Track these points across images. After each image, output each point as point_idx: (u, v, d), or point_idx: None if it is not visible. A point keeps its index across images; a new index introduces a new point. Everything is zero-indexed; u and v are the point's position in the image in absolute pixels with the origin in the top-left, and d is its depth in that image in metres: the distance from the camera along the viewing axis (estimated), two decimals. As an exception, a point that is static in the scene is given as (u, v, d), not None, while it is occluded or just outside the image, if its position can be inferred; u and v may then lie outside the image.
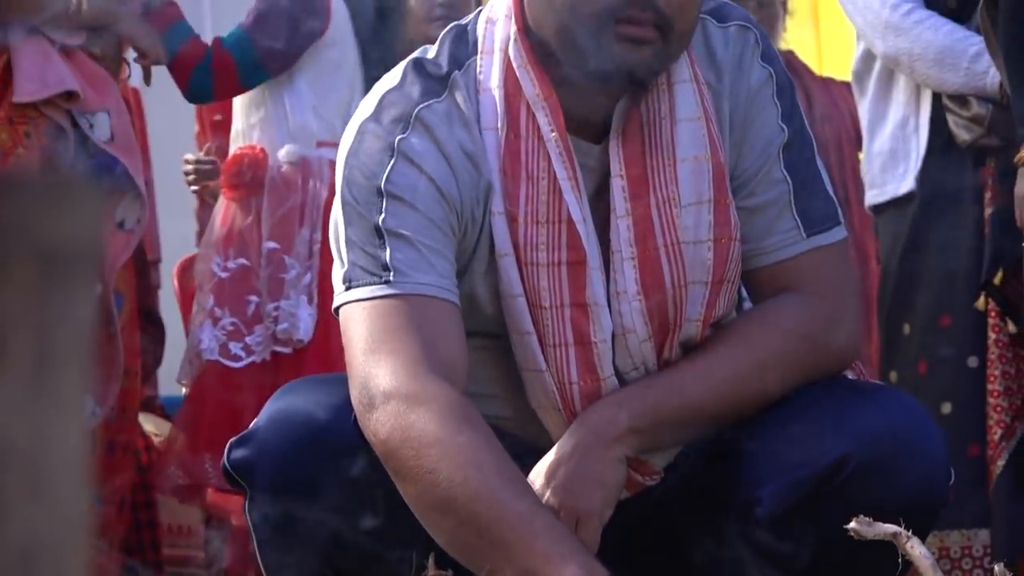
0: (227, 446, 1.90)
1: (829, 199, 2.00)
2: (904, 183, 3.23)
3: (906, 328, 3.21)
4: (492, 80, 1.89)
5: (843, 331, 1.96)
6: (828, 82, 4.51)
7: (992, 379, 3.07)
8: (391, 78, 1.92)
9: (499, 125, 1.88)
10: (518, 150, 1.87)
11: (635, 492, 1.96)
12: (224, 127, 4.20)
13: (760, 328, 1.95)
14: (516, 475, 1.73)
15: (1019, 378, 3.04)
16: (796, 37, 4.48)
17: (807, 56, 4.67)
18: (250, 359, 3.48)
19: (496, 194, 1.87)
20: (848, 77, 3.55)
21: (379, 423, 1.74)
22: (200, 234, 4.13)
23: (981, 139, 3.07)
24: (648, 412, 1.87)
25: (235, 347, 3.48)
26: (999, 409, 3.06)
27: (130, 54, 3.29)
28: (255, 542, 1.90)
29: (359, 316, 1.82)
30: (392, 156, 1.85)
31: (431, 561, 1.74)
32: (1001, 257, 3.04)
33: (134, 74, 3.51)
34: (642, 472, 1.93)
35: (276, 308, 3.46)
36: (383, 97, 1.90)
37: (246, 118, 3.66)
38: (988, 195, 3.10)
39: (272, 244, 3.47)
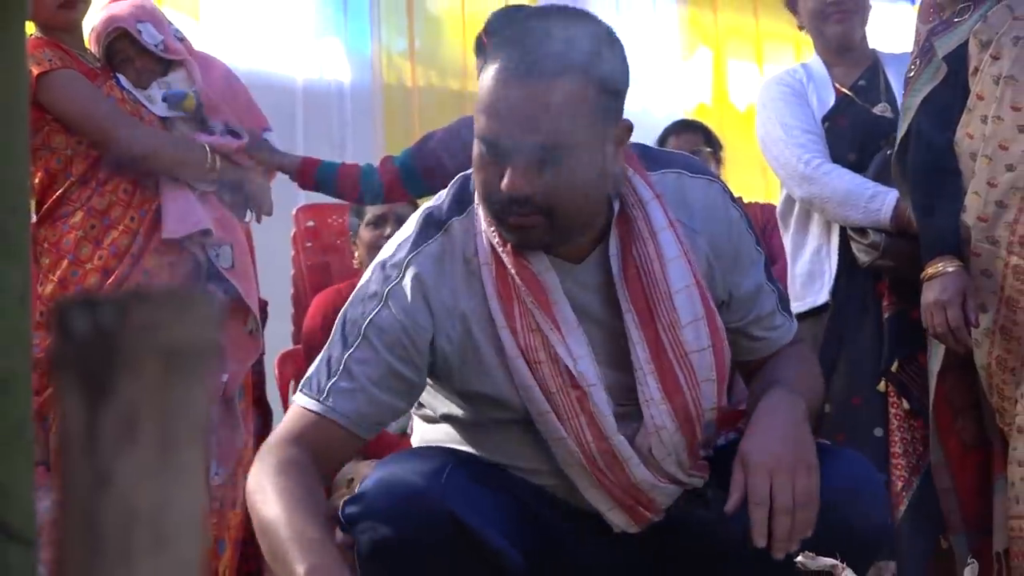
0: (342, 503, 1.84)
1: (782, 285, 2.01)
2: (820, 296, 3.20)
3: (826, 407, 3.18)
4: (482, 224, 1.83)
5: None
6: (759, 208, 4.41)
7: (893, 444, 3.04)
8: (407, 227, 1.88)
9: (490, 260, 1.82)
10: (506, 276, 1.81)
11: (643, 526, 1.90)
12: (315, 251, 4.17)
13: (800, 361, 2.00)
14: (304, 506, 1.66)
15: (914, 443, 3.02)
16: (749, 182, 4.45)
17: (757, 196, 4.63)
18: None
19: (497, 313, 1.81)
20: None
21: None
22: (295, 334, 4.09)
23: (877, 261, 3.06)
24: (806, 399, 1.88)
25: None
26: (899, 467, 3.03)
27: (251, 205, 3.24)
28: None
29: (290, 414, 1.83)
30: (380, 301, 1.81)
31: None
32: (897, 350, 3.02)
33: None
34: (650, 510, 1.87)
35: None
36: (398, 246, 1.86)
37: None
38: (885, 303, 3.09)
39: None
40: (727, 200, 1.90)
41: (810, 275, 3.22)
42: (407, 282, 1.81)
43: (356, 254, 3.95)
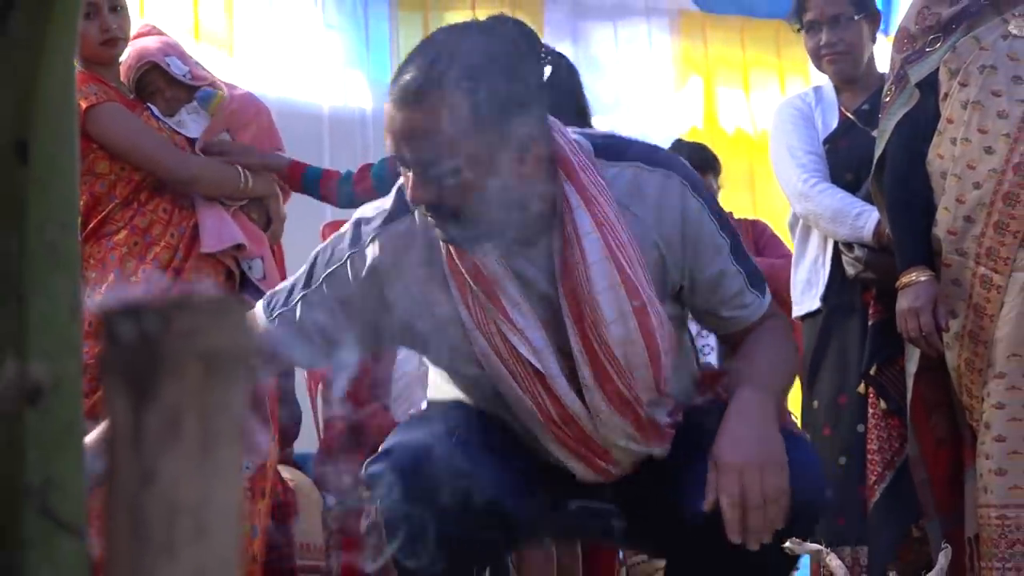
0: (364, 464, 1.86)
1: (754, 263, 1.98)
2: (814, 302, 3.19)
3: (815, 403, 3.17)
4: None
5: (789, 326, 2.07)
6: (744, 224, 4.33)
7: (870, 441, 3.03)
8: (388, 196, 1.89)
9: (443, 246, 1.82)
10: (454, 263, 1.81)
11: (607, 477, 1.90)
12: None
13: (773, 342, 1.95)
14: None
15: (889, 440, 3.00)
16: (737, 199, 4.42)
17: (745, 212, 4.60)
18: None
19: (454, 291, 1.81)
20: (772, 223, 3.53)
21: None
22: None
23: (861, 273, 3.05)
24: (776, 389, 1.89)
25: None
26: (875, 461, 3.01)
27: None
28: (384, 528, 1.83)
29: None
30: (342, 261, 1.85)
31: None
32: (876, 355, 3.01)
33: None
34: (607, 461, 1.88)
35: None
36: (377, 212, 1.88)
37: None
38: (871, 311, 3.07)
39: None
40: (685, 192, 1.85)
41: (808, 283, 3.21)
42: (369, 253, 1.83)
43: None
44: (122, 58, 3.03)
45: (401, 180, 1.85)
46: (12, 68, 0.69)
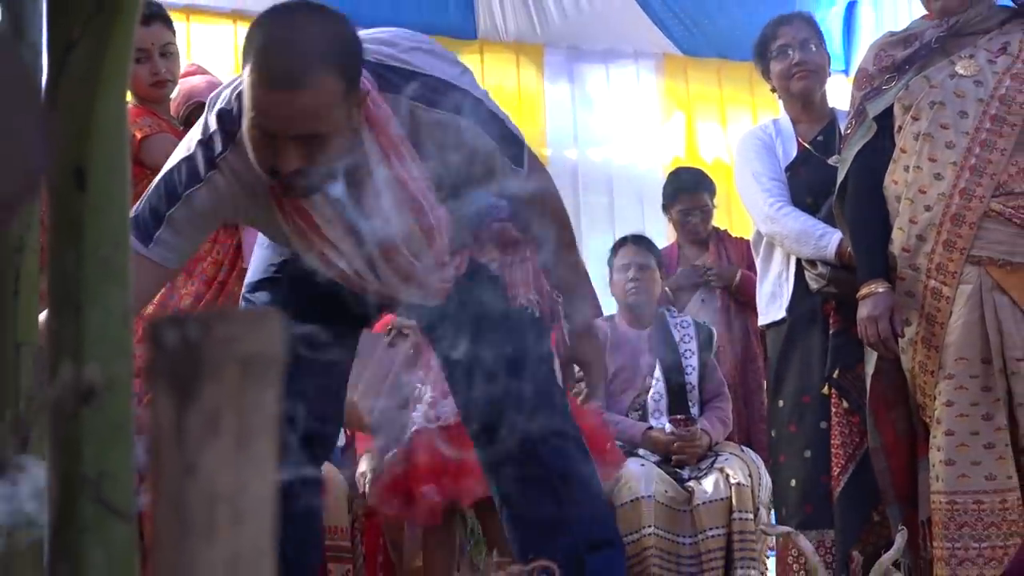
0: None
1: (514, 136, 1.97)
2: (779, 312, 3.17)
3: (781, 402, 3.15)
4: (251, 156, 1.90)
5: (553, 186, 2.07)
6: (738, 241, 4.29)
7: (834, 436, 3.01)
8: (200, 130, 1.91)
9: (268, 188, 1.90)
10: (279, 200, 1.89)
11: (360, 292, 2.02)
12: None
13: (551, 220, 2.04)
14: None
15: (851, 436, 2.99)
16: (716, 219, 4.38)
17: (723, 224, 4.58)
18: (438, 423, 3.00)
19: (281, 222, 1.89)
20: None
21: None
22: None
23: (824, 288, 3.04)
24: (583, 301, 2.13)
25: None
26: (838, 455, 2.99)
27: None
28: None
29: None
30: (202, 181, 1.87)
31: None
32: (838, 360, 3.00)
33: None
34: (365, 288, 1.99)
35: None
36: (212, 136, 1.89)
37: None
38: (832, 321, 3.05)
39: None
40: (460, 126, 1.86)
41: (772, 295, 3.19)
42: (219, 176, 1.86)
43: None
44: (172, 95, 3.03)
45: (218, 99, 1.88)
46: (71, 103, 0.69)
